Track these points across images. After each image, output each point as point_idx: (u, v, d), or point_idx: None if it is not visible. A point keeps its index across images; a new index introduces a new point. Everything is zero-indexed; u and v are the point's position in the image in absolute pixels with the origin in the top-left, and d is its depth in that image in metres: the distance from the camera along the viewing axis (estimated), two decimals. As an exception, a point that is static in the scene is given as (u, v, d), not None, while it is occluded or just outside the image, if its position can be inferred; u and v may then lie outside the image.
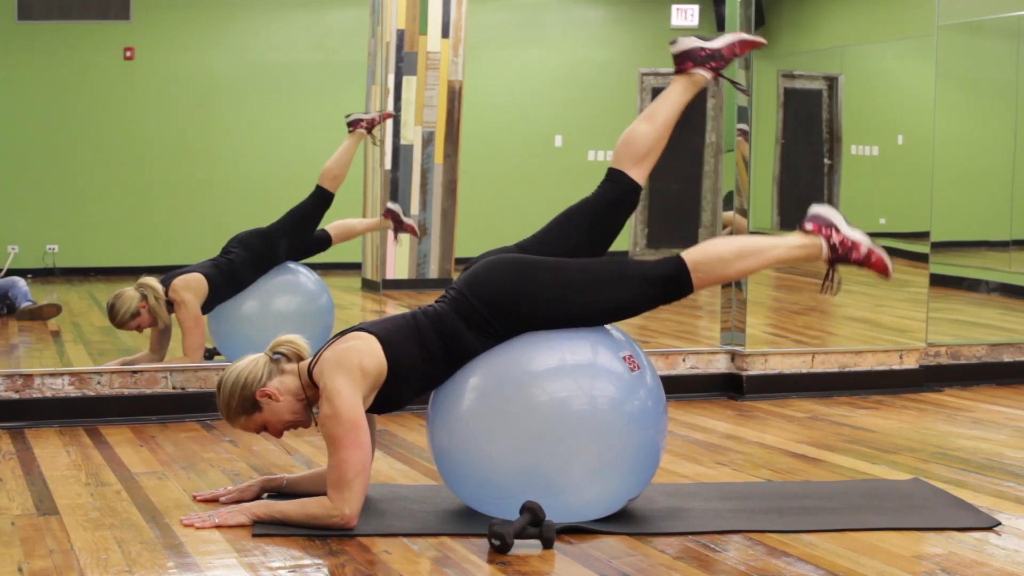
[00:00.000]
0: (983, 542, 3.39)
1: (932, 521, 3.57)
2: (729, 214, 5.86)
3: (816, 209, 3.66)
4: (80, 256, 8.77)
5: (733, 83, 4.23)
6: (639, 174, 3.73)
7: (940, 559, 3.23)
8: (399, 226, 6.56)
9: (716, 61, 3.79)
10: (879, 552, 3.28)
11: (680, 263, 3.55)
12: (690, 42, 3.79)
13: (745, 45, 3.86)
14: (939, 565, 3.18)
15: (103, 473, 4.13)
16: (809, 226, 3.63)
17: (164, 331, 5.58)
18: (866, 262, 3.62)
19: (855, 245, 3.61)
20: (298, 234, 5.95)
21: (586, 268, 3.54)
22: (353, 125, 6.17)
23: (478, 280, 3.53)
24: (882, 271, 3.65)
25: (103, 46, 8.70)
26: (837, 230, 3.61)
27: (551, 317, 3.49)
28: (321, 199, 6.00)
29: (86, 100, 8.64)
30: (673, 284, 3.55)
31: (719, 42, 3.81)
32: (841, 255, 3.60)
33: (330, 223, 6.15)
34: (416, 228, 6.71)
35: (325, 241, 6.12)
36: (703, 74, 3.79)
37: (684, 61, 3.79)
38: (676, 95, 3.80)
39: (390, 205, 6.87)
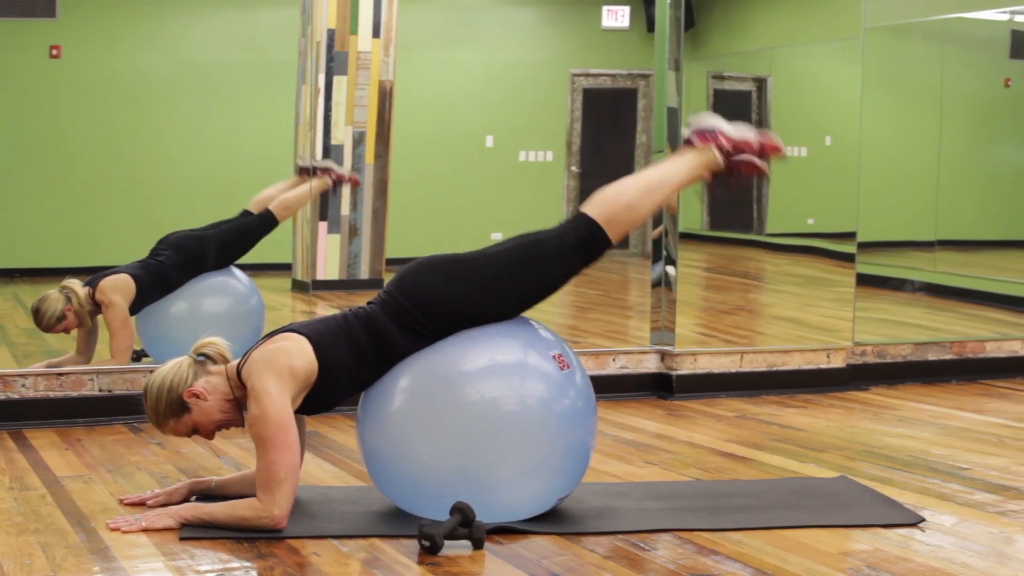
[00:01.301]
0: (908, 538, 3.44)
1: (858, 518, 3.61)
2: (658, 230, 5.89)
3: (696, 122, 3.67)
4: (4, 257, 8.63)
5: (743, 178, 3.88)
6: (616, 236, 3.61)
7: (866, 555, 3.27)
8: (337, 180, 6.52)
9: (733, 152, 3.68)
10: (806, 549, 3.32)
11: (590, 223, 3.53)
12: (712, 119, 3.68)
13: (770, 148, 3.71)
14: (865, 561, 3.22)
15: (27, 477, 4.07)
16: (696, 140, 3.65)
17: (91, 333, 5.52)
18: (761, 153, 3.65)
19: (745, 142, 3.64)
20: (231, 248, 5.93)
21: (506, 256, 3.54)
22: (324, 172, 6.16)
23: (407, 281, 3.53)
24: (775, 152, 3.67)
25: (28, 44, 8.58)
26: (724, 134, 3.64)
27: (482, 310, 3.49)
28: (267, 224, 6.00)
29: (10, 99, 8.50)
30: (591, 245, 3.55)
31: (740, 132, 3.69)
32: (735, 156, 3.63)
33: (261, 199, 6.07)
34: (357, 177, 6.67)
35: (271, 222, 6.07)
36: (716, 156, 3.67)
37: (700, 135, 3.69)
38: (682, 168, 3.66)
39: (319, 163, 6.78)
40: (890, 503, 3.79)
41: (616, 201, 3.56)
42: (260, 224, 5.99)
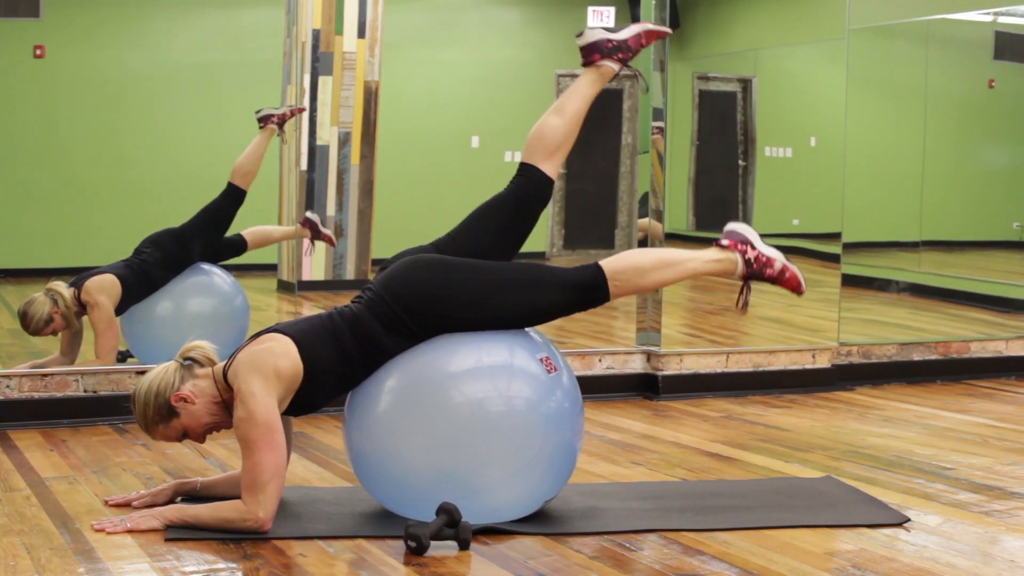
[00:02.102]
0: (893, 538, 3.45)
1: (844, 518, 3.62)
2: (644, 220, 5.90)
3: (732, 225, 3.72)
4: (-11, 258, 8.60)
5: (639, 74, 4.18)
6: (551, 168, 3.74)
7: (851, 555, 3.28)
8: (316, 235, 6.55)
9: (623, 52, 3.82)
10: (792, 549, 3.32)
11: (598, 271, 3.57)
12: (596, 34, 3.82)
13: (651, 35, 3.88)
14: (850, 561, 3.22)
15: (12, 478, 4.06)
16: (725, 242, 3.68)
17: (76, 334, 5.50)
18: (780, 279, 3.68)
19: (769, 261, 3.67)
20: (211, 233, 5.90)
21: (504, 271, 3.55)
22: (264, 121, 6.15)
23: (395, 281, 3.52)
24: (795, 288, 3.71)
25: (12, 44, 8.55)
26: (752, 246, 3.67)
27: (468, 319, 3.49)
28: (233, 196, 5.96)
29: (-6, 99, 8.47)
30: (591, 291, 3.57)
31: (625, 33, 3.84)
32: (756, 271, 3.66)
33: (247, 228, 6.12)
34: (333, 238, 6.71)
35: (240, 246, 6.08)
36: (610, 65, 3.82)
37: (591, 53, 3.82)
38: (584, 87, 3.82)
39: (308, 215, 6.84)
40: (875, 503, 3.81)
41: (628, 260, 3.62)
42: (226, 200, 5.97)
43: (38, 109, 8.59)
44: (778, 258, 3.68)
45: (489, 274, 3.53)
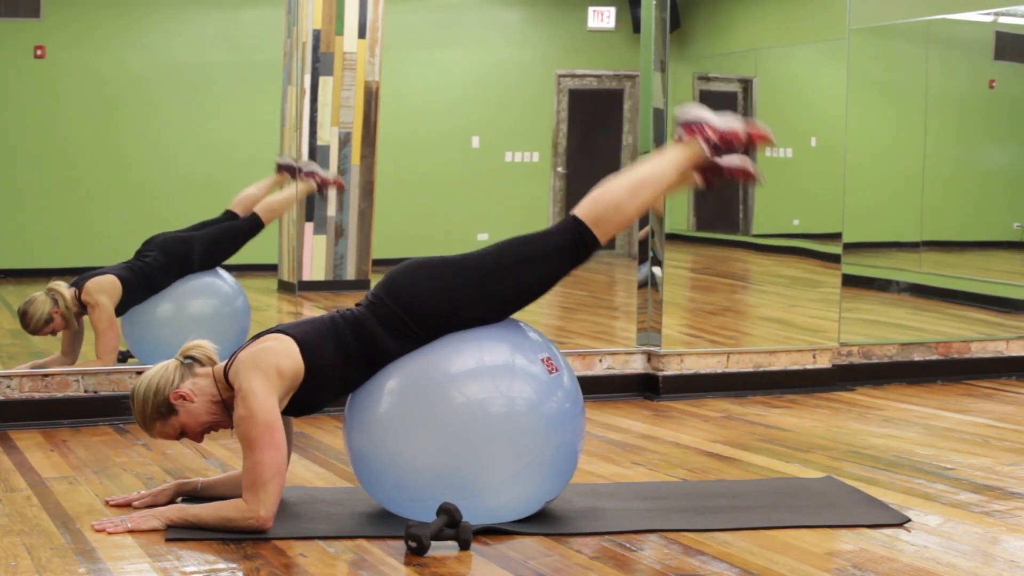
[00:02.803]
0: (894, 538, 3.45)
1: (844, 518, 3.62)
2: (645, 231, 5.90)
3: (684, 114, 3.65)
4: (-11, 258, 8.60)
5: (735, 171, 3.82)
6: (604, 237, 3.59)
7: (852, 555, 3.28)
8: (323, 184, 6.54)
9: (721, 144, 3.65)
10: (792, 550, 3.32)
11: (578, 224, 3.53)
12: (699, 111, 3.64)
13: (758, 137, 3.69)
14: (851, 562, 3.22)
15: (12, 478, 4.06)
16: (683, 132, 3.63)
17: (76, 334, 5.50)
18: (749, 143, 3.63)
19: (733, 133, 3.62)
20: (217, 251, 5.93)
21: (497, 257, 3.53)
22: (309, 175, 6.17)
23: (396, 284, 3.52)
24: (764, 139, 3.65)
25: (12, 44, 8.55)
26: (710, 125, 3.62)
27: (470, 312, 3.48)
28: (254, 226, 6.01)
29: (-5, 99, 8.47)
30: (580, 246, 3.54)
31: (728, 122, 3.66)
32: (723, 148, 3.61)
33: (243, 199, 6.09)
34: (341, 180, 6.68)
35: (258, 225, 6.08)
36: (704, 148, 3.64)
37: (687, 127, 3.66)
38: (671, 165, 3.62)
39: (304, 166, 6.80)
40: (876, 503, 3.81)
41: (604, 201, 3.55)
42: (246, 227, 6.00)
43: (38, 109, 8.59)
44: (738, 125, 3.61)
45: (480, 263, 3.51)
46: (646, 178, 3.58)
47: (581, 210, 3.55)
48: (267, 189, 6.11)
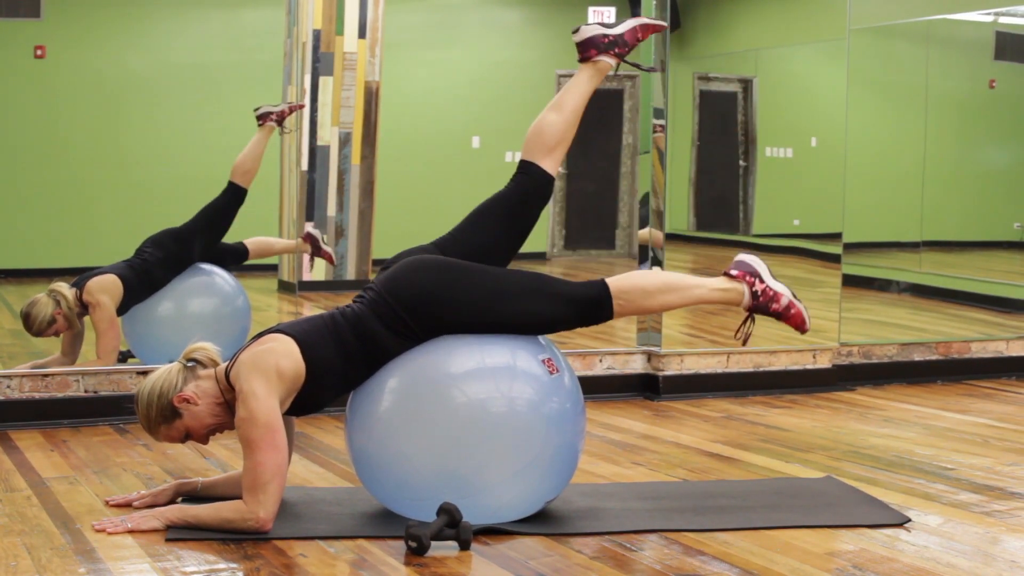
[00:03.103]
0: (894, 538, 3.45)
1: (844, 518, 3.62)
2: (645, 231, 5.90)
3: (743, 256, 3.70)
4: (-11, 258, 8.60)
5: (638, 66, 4.15)
6: (551, 164, 3.73)
7: (852, 556, 3.28)
8: (316, 251, 6.60)
9: (619, 47, 3.82)
10: (793, 550, 3.32)
11: (603, 288, 3.56)
12: (592, 30, 3.82)
13: (647, 28, 3.88)
14: (851, 562, 3.23)
15: (13, 479, 4.06)
16: (734, 272, 3.66)
17: (77, 334, 5.50)
18: (784, 315, 3.66)
19: (776, 296, 3.65)
20: (212, 233, 5.91)
21: (509, 278, 3.54)
22: (262, 118, 6.16)
23: (397, 281, 3.52)
24: (798, 325, 3.69)
25: (12, 44, 8.55)
26: (761, 279, 3.65)
27: (470, 323, 3.49)
28: (233, 195, 5.97)
29: (-5, 99, 8.47)
30: (594, 307, 3.57)
31: (621, 28, 3.84)
32: (761, 304, 3.64)
33: (250, 237, 6.15)
34: (333, 256, 6.75)
35: (242, 254, 6.11)
36: (607, 61, 3.81)
37: (587, 49, 3.81)
38: (582, 84, 3.80)
39: (310, 229, 6.88)
40: (876, 503, 3.81)
41: (635, 280, 3.60)
42: (227, 200, 5.99)
43: (39, 109, 8.59)
44: (785, 293, 3.66)
45: (494, 280, 3.52)
46: (682, 285, 3.62)
47: (611, 279, 3.58)
48: (258, 147, 6.13)
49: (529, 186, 3.72)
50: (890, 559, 3.25)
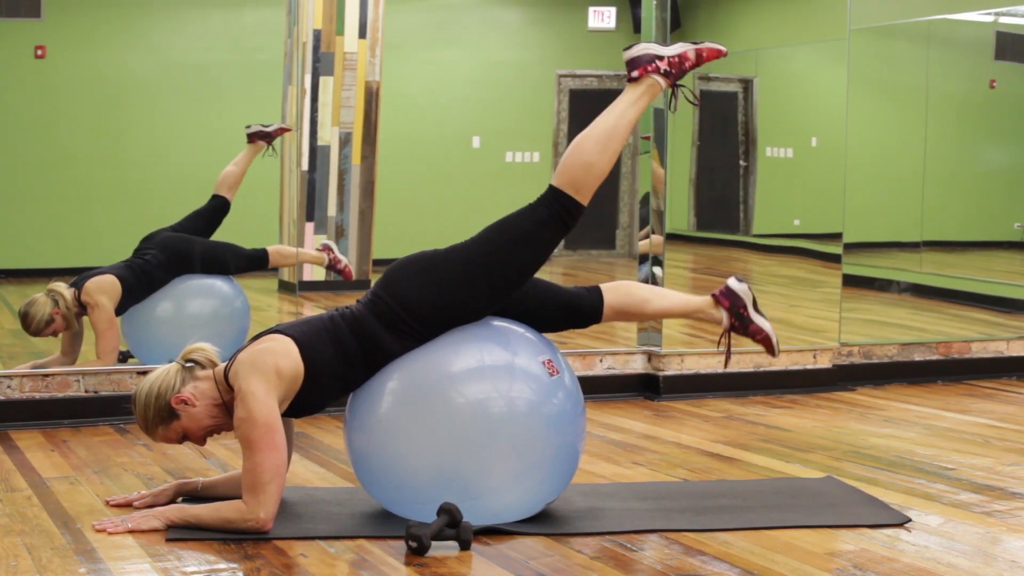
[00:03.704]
0: (894, 538, 3.44)
1: (845, 518, 3.62)
2: (645, 243, 5.89)
3: (629, 54, 3.68)
4: (-10, 258, 8.60)
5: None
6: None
7: (853, 556, 3.28)
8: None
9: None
10: (793, 550, 3.32)
11: (557, 194, 3.52)
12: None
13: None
14: (851, 562, 3.22)
15: (13, 478, 4.06)
16: (635, 73, 3.67)
17: (76, 334, 5.50)
18: (699, 61, 3.73)
19: (683, 56, 3.70)
20: (216, 264, 5.97)
21: (480, 243, 3.52)
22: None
23: (392, 280, 3.52)
24: (717, 55, 3.76)
25: (12, 44, 8.55)
26: (660, 57, 3.67)
27: (465, 301, 3.46)
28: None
29: (-5, 99, 8.47)
30: (564, 215, 3.52)
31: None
32: (677, 74, 3.69)
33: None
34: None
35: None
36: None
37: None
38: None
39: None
40: (876, 503, 3.80)
41: (576, 164, 3.54)
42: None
43: (39, 109, 8.59)
44: (687, 48, 3.70)
45: (469, 250, 3.51)
46: (611, 128, 3.59)
47: (557, 179, 3.55)
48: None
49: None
50: (891, 559, 3.25)
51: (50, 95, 8.61)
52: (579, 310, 3.82)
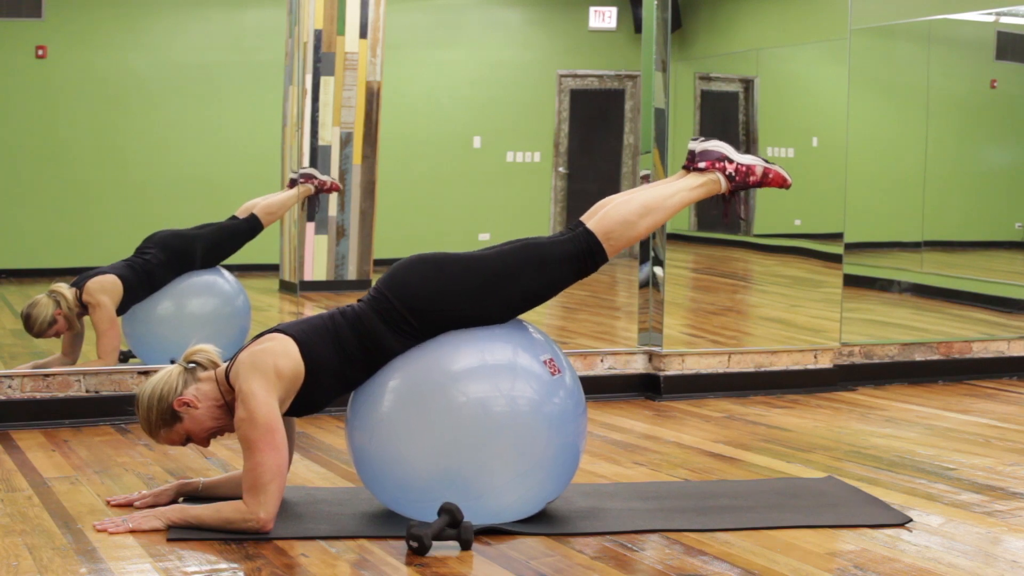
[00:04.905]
0: (895, 538, 3.44)
1: (846, 518, 3.62)
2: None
3: (701, 145, 3.67)
4: (-10, 258, 8.60)
5: (735, 207, 3.83)
6: (611, 253, 3.60)
7: (853, 556, 3.28)
8: (320, 186, 6.58)
9: (739, 176, 3.67)
10: (794, 550, 3.32)
11: (590, 237, 3.53)
12: (718, 146, 3.67)
13: (778, 179, 3.70)
14: (852, 562, 3.22)
15: (14, 479, 4.06)
16: (702, 164, 3.65)
17: (77, 334, 5.50)
18: (764, 182, 3.66)
19: (750, 169, 3.65)
20: (218, 250, 5.95)
21: (500, 259, 3.52)
22: (305, 179, 6.22)
23: (397, 279, 3.52)
24: (781, 184, 3.69)
25: (14, 44, 8.55)
26: (730, 160, 3.64)
27: (471, 313, 3.48)
28: (253, 228, 6.06)
29: (-4, 99, 8.47)
30: (588, 258, 3.55)
31: (749, 159, 3.69)
32: (739, 183, 3.64)
33: (245, 206, 6.16)
34: (337, 182, 6.74)
35: (257, 227, 6.12)
36: (721, 181, 3.67)
37: (706, 159, 3.67)
38: (686, 191, 3.63)
39: (304, 170, 6.83)
40: (877, 503, 3.80)
41: (614, 216, 3.56)
42: (246, 228, 6.03)
43: (39, 109, 8.59)
44: (758, 163, 3.67)
45: (488, 263, 3.51)
46: (660, 200, 3.59)
47: (592, 223, 3.55)
48: (286, 198, 6.20)
49: (589, 269, 3.58)
50: (891, 559, 3.25)
51: (51, 95, 8.62)
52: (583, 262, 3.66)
